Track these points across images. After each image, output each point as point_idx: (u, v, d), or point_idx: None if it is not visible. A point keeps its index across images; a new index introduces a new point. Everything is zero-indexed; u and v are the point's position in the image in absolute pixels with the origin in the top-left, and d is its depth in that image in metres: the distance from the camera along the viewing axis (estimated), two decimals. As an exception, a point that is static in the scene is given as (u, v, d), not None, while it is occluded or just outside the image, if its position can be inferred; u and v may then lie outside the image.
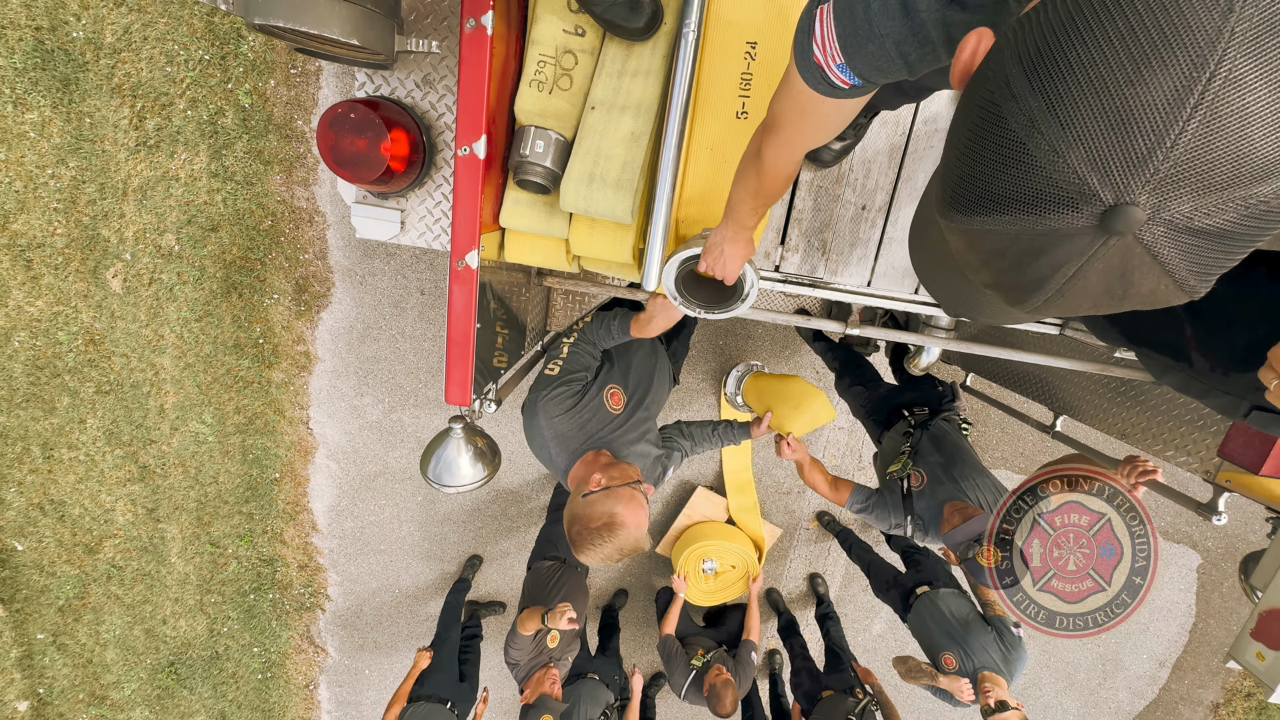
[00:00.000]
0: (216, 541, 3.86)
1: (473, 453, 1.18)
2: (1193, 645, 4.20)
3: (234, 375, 3.49)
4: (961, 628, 2.54)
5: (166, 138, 3.11)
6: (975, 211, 0.42)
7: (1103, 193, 0.35)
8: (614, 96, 1.04)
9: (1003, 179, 0.39)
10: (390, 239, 1.17)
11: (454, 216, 0.94)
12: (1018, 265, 0.42)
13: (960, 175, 0.43)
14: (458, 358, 1.01)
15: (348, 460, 3.71)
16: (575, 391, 1.42)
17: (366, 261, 3.31)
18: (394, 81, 1.10)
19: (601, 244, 1.14)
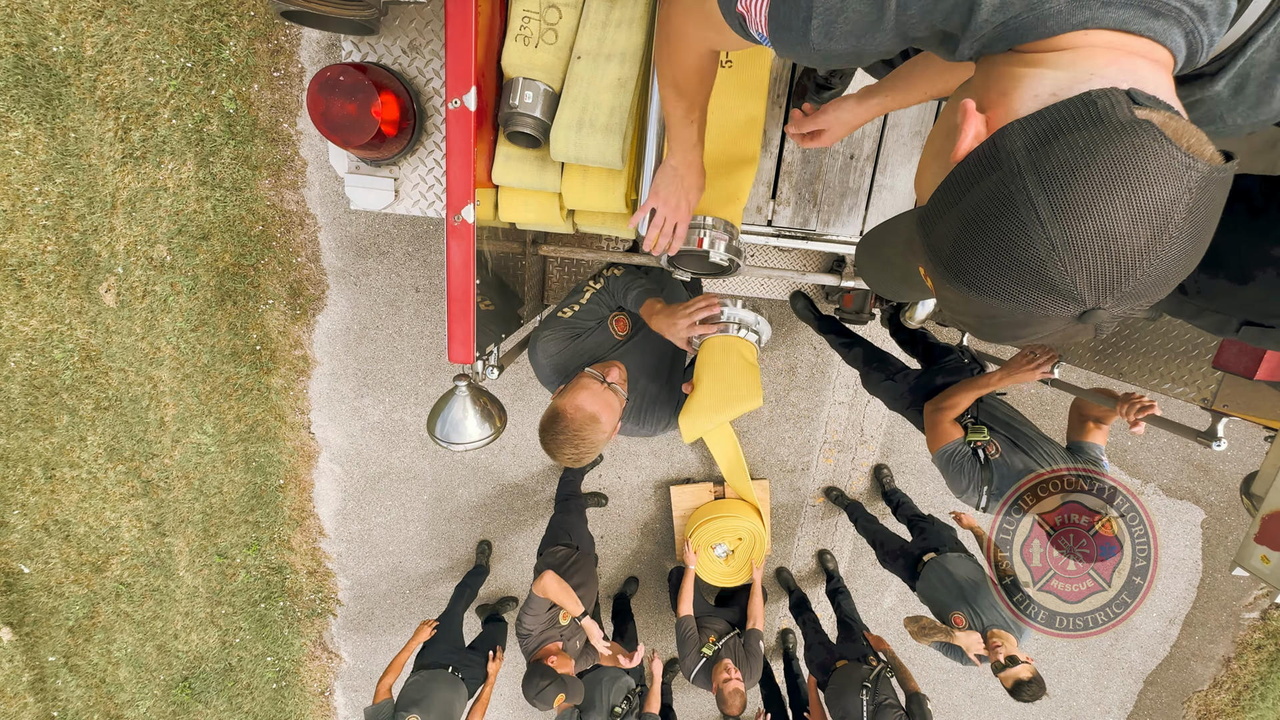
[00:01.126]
0: (224, 552, 3.85)
1: (479, 411, 1.19)
2: (1201, 601, 4.22)
3: (233, 384, 3.48)
4: (971, 588, 2.56)
5: (153, 148, 3.11)
6: (982, 292, 0.53)
7: (1088, 300, 0.49)
8: (599, 46, 1.05)
9: (1016, 280, 0.50)
10: (385, 208, 1.17)
11: (448, 171, 0.95)
12: (1004, 326, 0.55)
13: (969, 257, 0.53)
14: (459, 315, 1.02)
15: (351, 463, 3.71)
16: (580, 332, 1.47)
17: (360, 261, 3.31)
18: (380, 48, 1.11)
19: (594, 193, 1.15)
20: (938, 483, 3.84)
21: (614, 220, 1.26)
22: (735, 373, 1.37)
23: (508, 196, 1.20)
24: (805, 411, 3.65)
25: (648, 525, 3.83)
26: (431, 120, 1.15)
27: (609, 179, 1.14)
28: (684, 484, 3.68)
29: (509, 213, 1.22)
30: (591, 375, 1.36)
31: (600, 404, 1.30)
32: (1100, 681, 4.40)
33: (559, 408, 1.30)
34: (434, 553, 3.92)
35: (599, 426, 1.30)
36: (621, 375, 1.42)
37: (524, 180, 1.15)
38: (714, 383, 1.37)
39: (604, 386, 1.34)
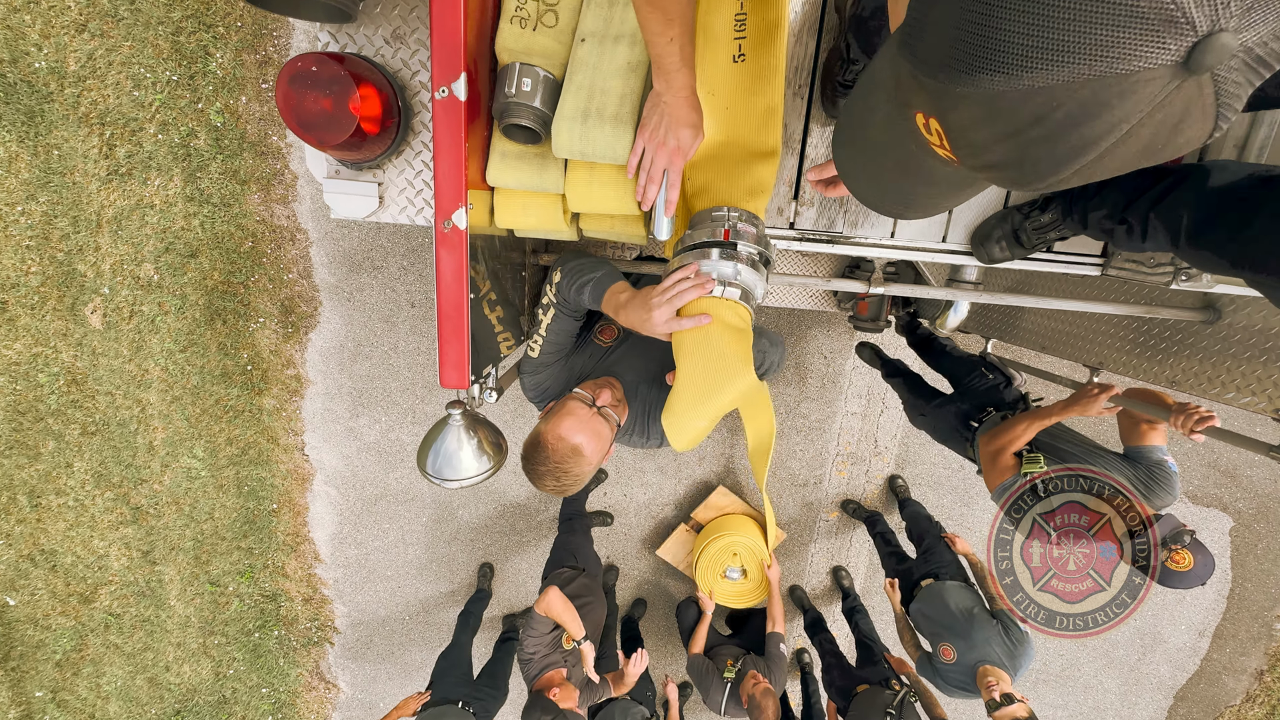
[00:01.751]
0: (216, 580, 3.71)
1: (476, 443, 1.07)
2: (1231, 612, 4.08)
3: (223, 405, 3.36)
4: (964, 620, 2.45)
5: (138, 164, 3.01)
6: (1023, 69, 0.34)
7: (1198, 19, 0.30)
8: (606, 26, 0.94)
9: (1067, 19, 0.32)
10: (368, 216, 1.06)
11: (436, 170, 0.84)
12: (1060, 131, 0.36)
13: (995, 23, 0.35)
14: (451, 334, 0.90)
15: (347, 485, 3.58)
16: (558, 359, 1.33)
17: (353, 277, 3.20)
18: (360, 39, 1.00)
19: (602, 194, 1.03)
20: (955, 495, 3.72)
21: (625, 225, 1.14)
22: (720, 343, 1.00)
23: (505, 200, 1.08)
24: (816, 423, 3.53)
25: (655, 544, 3.69)
26: (419, 118, 1.04)
27: (619, 177, 1.01)
28: (664, 541, 3.59)
29: (506, 218, 1.10)
30: (579, 399, 1.22)
31: (586, 433, 1.16)
32: (1128, 698, 4.24)
33: (539, 436, 1.17)
34: (434, 576, 3.78)
35: (582, 459, 1.16)
36: (614, 395, 1.28)
37: (522, 180, 1.03)
38: (694, 363, 1.02)
39: (592, 412, 1.20)
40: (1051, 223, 1.13)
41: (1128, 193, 1.00)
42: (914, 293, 1.34)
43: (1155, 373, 1.51)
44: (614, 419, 1.24)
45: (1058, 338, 1.88)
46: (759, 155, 1.03)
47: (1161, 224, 0.95)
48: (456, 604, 3.81)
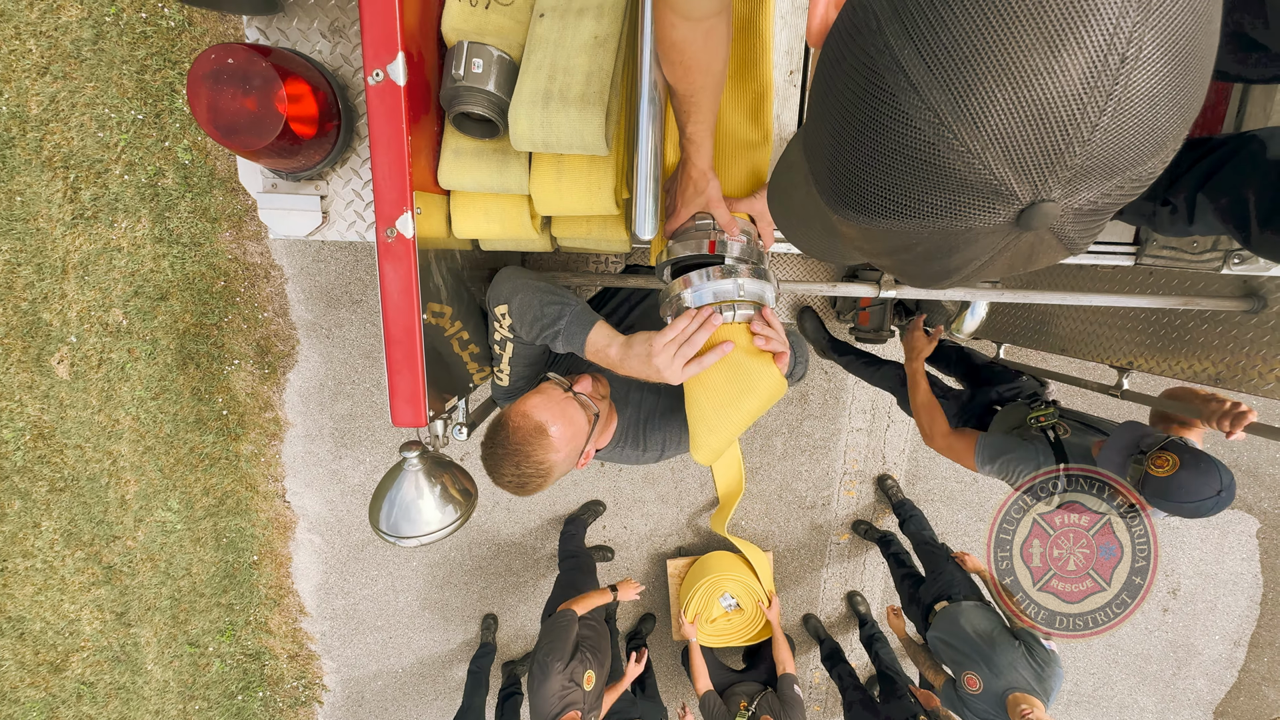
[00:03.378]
0: (195, 640, 3.49)
1: (439, 490, 0.92)
2: (1265, 618, 3.90)
3: (198, 453, 3.20)
4: (987, 644, 2.28)
5: (105, 206, 2.91)
6: (876, 215, 0.38)
7: (1020, 192, 0.33)
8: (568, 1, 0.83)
9: (909, 182, 0.36)
10: (311, 234, 0.93)
11: (374, 169, 0.72)
12: (925, 258, 0.41)
13: (852, 171, 0.38)
14: (402, 362, 0.77)
15: (332, 531, 3.39)
16: (535, 375, 1.19)
17: (331, 312, 3.08)
18: (294, 33, 0.89)
19: (574, 192, 0.90)
20: (969, 510, 3.56)
21: (603, 227, 1.01)
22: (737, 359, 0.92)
23: (463, 205, 0.95)
24: (821, 442, 3.39)
25: (659, 578, 3.51)
26: (364, 119, 0.92)
27: (592, 170, 0.88)
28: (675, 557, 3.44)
29: (466, 225, 0.96)
30: (552, 381, 1.07)
31: (554, 413, 1.00)
32: (1165, 717, 4.02)
33: (503, 414, 1.02)
34: (427, 625, 3.57)
35: (548, 444, 0.98)
36: (597, 387, 1.12)
37: (480, 181, 0.89)
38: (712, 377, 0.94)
39: (565, 395, 1.04)
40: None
41: (1169, 169, 0.88)
42: (929, 294, 1.22)
43: (1193, 370, 1.38)
44: (592, 409, 1.07)
45: (1080, 338, 1.75)
46: (750, 145, 0.92)
47: (1213, 205, 0.84)
48: (452, 654, 3.59)
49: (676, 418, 1.20)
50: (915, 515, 3.21)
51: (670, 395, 1.22)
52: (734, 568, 3.14)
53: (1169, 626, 3.89)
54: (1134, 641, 3.92)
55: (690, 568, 3.32)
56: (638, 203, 0.78)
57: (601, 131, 0.81)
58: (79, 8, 2.71)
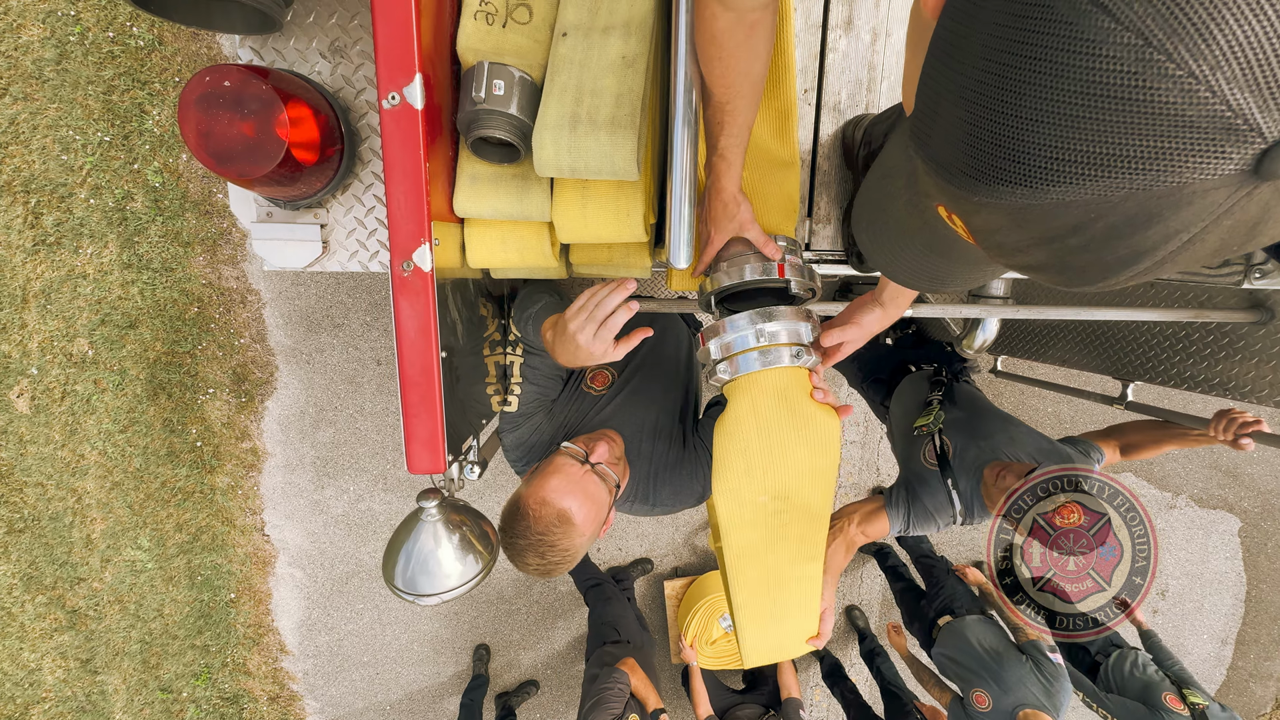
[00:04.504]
0: (168, 686, 3.30)
1: (458, 539, 0.85)
2: (1250, 616, 3.98)
3: (170, 488, 3.05)
4: (994, 660, 2.26)
5: (69, 232, 2.77)
6: (1046, 183, 0.30)
7: (1265, 124, 0.25)
8: (592, 18, 0.79)
9: (1097, 129, 0.28)
10: (310, 265, 0.87)
11: (389, 199, 0.67)
12: (1105, 240, 0.32)
13: (1009, 134, 0.30)
14: (419, 404, 0.71)
15: (314, 565, 3.25)
16: (542, 410, 1.14)
17: (312, 337, 2.97)
18: (292, 53, 0.84)
19: (601, 219, 0.85)
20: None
21: (625, 254, 0.96)
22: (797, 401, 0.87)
23: (478, 233, 0.90)
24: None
25: (656, 599, 3.43)
26: (367, 144, 0.87)
27: (620, 197, 0.84)
28: None
29: (480, 255, 0.91)
30: (568, 454, 1.01)
31: (577, 495, 0.95)
32: (1159, 717, 4.05)
33: (519, 501, 0.96)
34: (417, 659, 3.44)
35: (572, 530, 0.93)
36: (613, 451, 1.07)
37: (498, 208, 0.84)
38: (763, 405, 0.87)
39: (584, 470, 0.99)
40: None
41: None
42: (943, 312, 1.21)
43: (1201, 380, 1.39)
44: (612, 479, 1.03)
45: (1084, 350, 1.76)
46: (781, 164, 0.89)
47: None
48: (444, 685, 3.46)
49: (684, 468, 1.17)
50: None
51: (678, 445, 1.19)
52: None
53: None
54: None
55: (688, 589, 3.26)
56: (672, 229, 0.74)
57: (634, 156, 0.77)
58: (41, 27, 2.60)
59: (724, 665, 3.08)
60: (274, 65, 0.84)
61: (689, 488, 1.16)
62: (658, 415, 1.19)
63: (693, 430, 1.22)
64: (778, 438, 0.86)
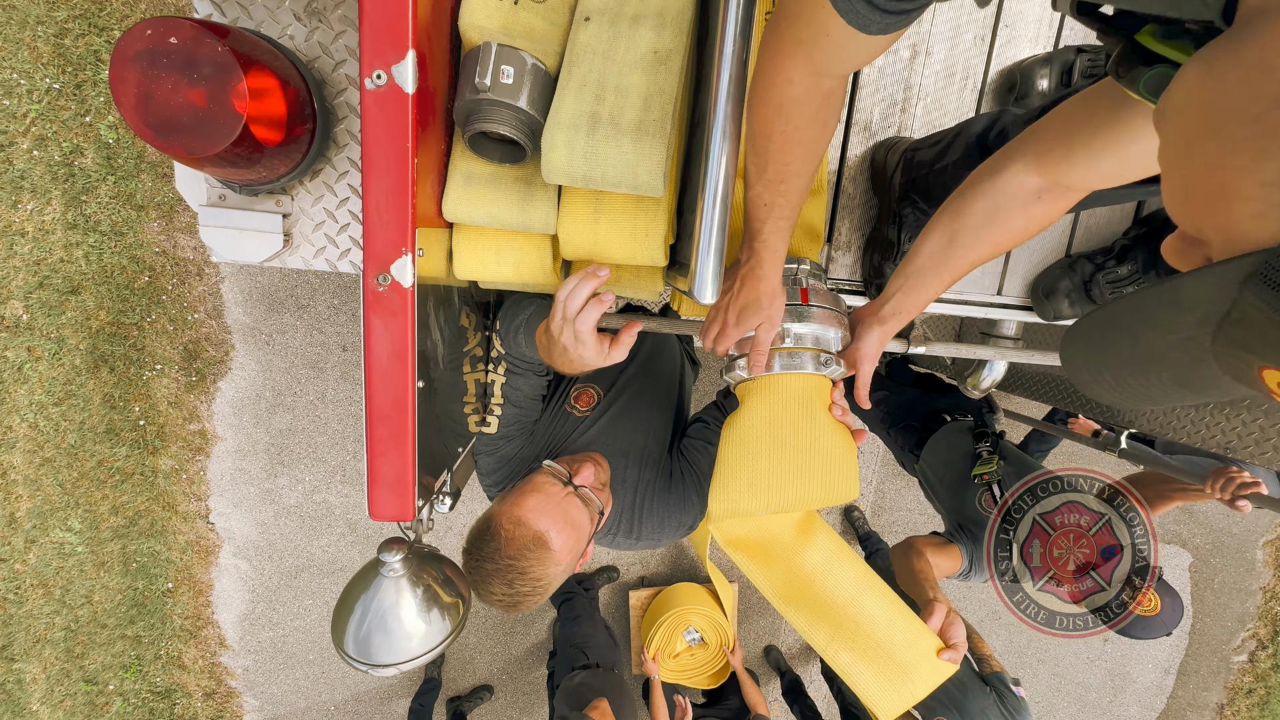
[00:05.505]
0: (93, 677, 3.09)
1: (425, 596, 0.73)
2: (1193, 648, 4.12)
3: (108, 467, 2.83)
4: (957, 689, 2.26)
5: (7, 184, 2.54)
6: None
7: None
8: (621, 4, 0.68)
9: None
10: (268, 259, 0.75)
11: (366, 199, 0.56)
12: None
13: None
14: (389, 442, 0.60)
15: (261, 556, 3.08)
16: (522, 432, 1.04)
17: (273, 317, 2.79)
18: (260, 11, 0.71)
19: (614, 235, 0.73)
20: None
21: (635, 277, 0.85)
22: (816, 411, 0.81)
23: (470, 242, 0.78)
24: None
25: (620, 608, 3.35)
26: (344, 124, 0.75)
27: (639, 213, 0.73)
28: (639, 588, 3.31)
29: (470, 266, 0.80)
30: (550, 473, 0.92)
31: (556, 519, 0.85)
32: (1100, 742, 4.17)
33: (490, 519, 0.86)
34: (366, 658, 3.29)
35: (548, 557, 0.83)
36: (599, 474, 0.98)
37: (495, 215, 0.73)
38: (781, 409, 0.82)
39: (566, 492, 0.89)
40: (1130, 276, 0.95)
41: None
42: (956, 352, 1.14)
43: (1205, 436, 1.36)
44: (596, 504, 0.93)
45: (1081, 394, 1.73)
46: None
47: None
48: (394, 687, 3.32)
49: (672, 495, 1.07)
50: (882, 549, 3.18)
51: (664, 471, 1.09)
52: (700, 601, 3.03)
53: (1108, 656, 4.05)
54: (1077, 670, 4.05)
55: (653, 599, 3.19)
56: (699, 258, 0.64)
57: (661, 169, 0.66)
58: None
59: (686, 680, 3.02)
60: (237, 24, 0.71)
61: (676, 519, 1.07)
62: (645, 440, 1.09)
63: (679, 454, 1.13)
64: (791, 450, 0.79)
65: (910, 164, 0.86)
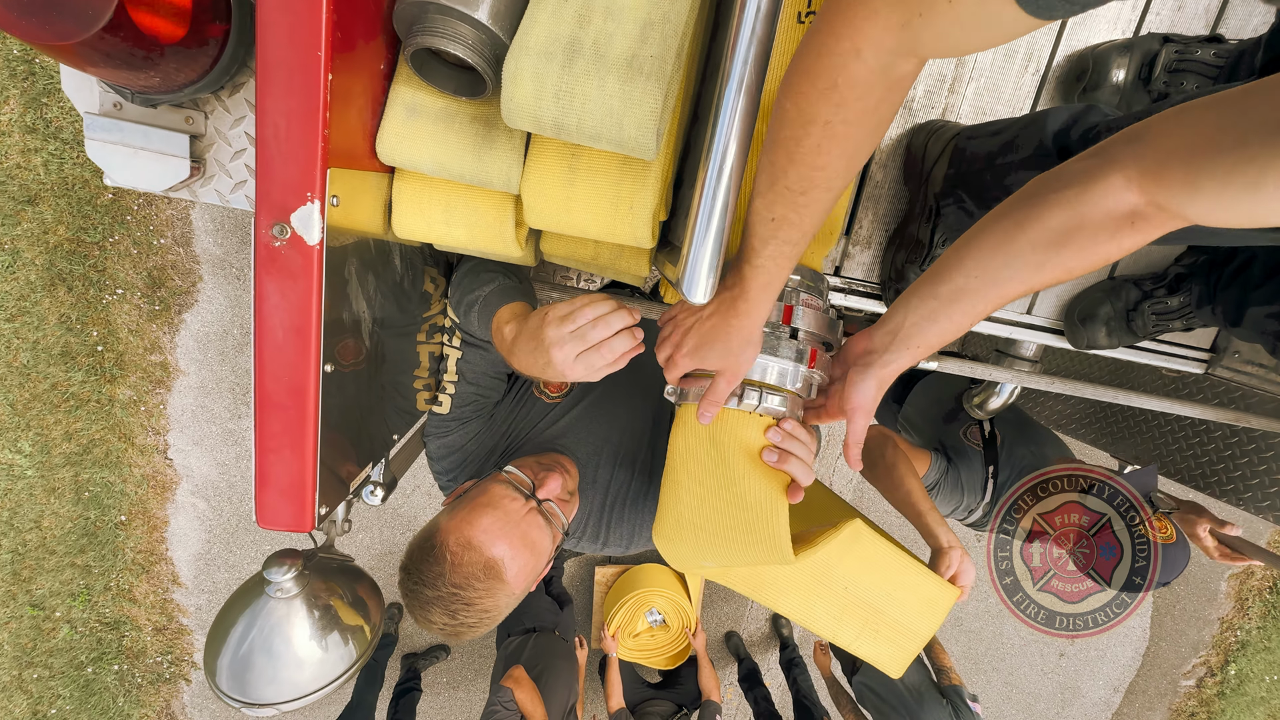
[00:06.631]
0: (40, 603, 3.01)
1: (321, 620, 0.61)
2: (1145, 669, 4.20)
3: (62, 392, 2.70)
4: (914, 699, 2.26)
5: (-40, 76, 2.33)
6: None
7: None
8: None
9: None
10: (171, 190, 0.61)
11: (259, 119, 0.42)
12: None
13: None
14: (282, 437, 0.48)
15: (220, 497, 2.98)
16: (479, 415, 0.92)
17: (246, 251, 2.63)
18: None
19: (592, 205, 0.59)
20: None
21: (617, 256, 0.71)
22: (738, 479, 0.68)
23: (413, 192, 0.63)
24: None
25: (585, 583, 3.31)
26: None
27: (624, 179, 0.58)
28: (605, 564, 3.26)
29: (413, 224, 0.64)
30: (508, 483, 0.80)
31: (514, 542, 0.74)
32: (1042, 751, 4.27)
33: (434, 535, 0.74)
34: (322, 608, 3.24)
35: (498, 587, 0.72)
36: (566, 484, 0.86)
37: (444, 162, 0.58)
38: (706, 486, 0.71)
39: (527, 508, 0.77)
40: (1181, 309, 0.83)
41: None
42: (971, 372, 1.04)
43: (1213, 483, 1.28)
44: (560, 521, 0.81)
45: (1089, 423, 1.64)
46: None
47: None
48: (347, 640, 3.28)
49: (649, 505, 0.95)
50: (797, 660, 3.18)
51: (644, 477, 0.97)
52: (665, 584, 2.98)
53: (1062, 670, 4.10)
54: (1029, 681, 4.10)
55: (619, 578, 3.14)
56: (693, 252, 0.50)
57: (655, 121, 0.51)
58: None
59: (644, 659, 3.00)
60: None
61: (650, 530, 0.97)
62: (621, 437, 0.97)
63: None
64: (713, 491, 0.68)
65: (961, 155, 0.72)
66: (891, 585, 0.85)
